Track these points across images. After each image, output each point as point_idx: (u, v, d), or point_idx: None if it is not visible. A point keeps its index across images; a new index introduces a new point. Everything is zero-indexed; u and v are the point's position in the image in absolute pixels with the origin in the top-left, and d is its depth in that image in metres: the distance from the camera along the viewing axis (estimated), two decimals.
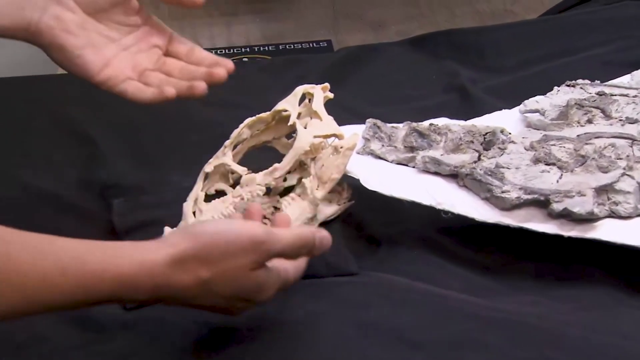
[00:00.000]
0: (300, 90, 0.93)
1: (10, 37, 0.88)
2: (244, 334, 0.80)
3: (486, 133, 0.98)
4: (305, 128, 0.91)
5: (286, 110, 0.92)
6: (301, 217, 0.89)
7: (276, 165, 0.90)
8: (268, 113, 0.93)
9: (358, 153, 0.97)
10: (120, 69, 0.89)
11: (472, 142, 0.97)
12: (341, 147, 0.90)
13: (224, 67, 0.88)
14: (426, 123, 1.00)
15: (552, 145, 0.95)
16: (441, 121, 1.01)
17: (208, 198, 0.92)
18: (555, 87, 1.07)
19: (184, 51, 0.91)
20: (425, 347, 0.79)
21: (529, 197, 0.88)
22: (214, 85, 0.87)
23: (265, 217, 0.90)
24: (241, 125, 0.93)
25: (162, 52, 0.91)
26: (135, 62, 0.90)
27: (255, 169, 0.92)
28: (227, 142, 0.92)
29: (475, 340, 0.79)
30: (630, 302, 0.87)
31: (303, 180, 0.90)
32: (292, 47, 1.53)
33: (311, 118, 0.92)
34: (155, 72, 0.90)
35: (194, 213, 0.89)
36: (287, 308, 0.83)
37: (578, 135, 0.97)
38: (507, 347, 0.78)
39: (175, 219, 0.90)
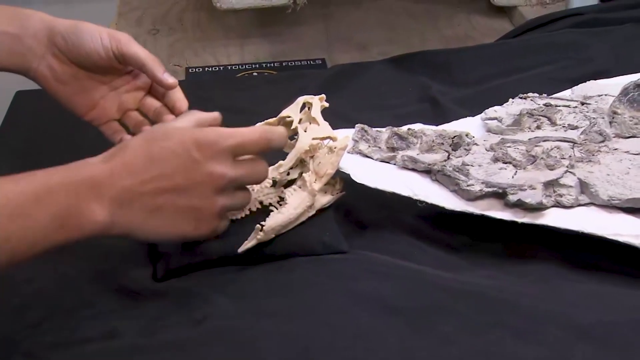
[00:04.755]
0: (301, 100, 0.92)
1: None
2: (256, 300, 0.80)
3: (454, 136, 0.97)
4: (305, 131, 0.90)
5: (289, 117, 0.91)
6: (302, 205, 0.88)
7: (281, 162, 0.89)
8: (274, 118, 0.92)
9: (349, 152, 0.97)
10: (105, 111, 0.87)
11: (443, 143, 0.96)
12: (335, 147, 0.89)
13: (178, 107, 0.88)
14: (405, 128, 0.99)
15: (508, 147, 0.95)
16: (417, 126, 1.01)
17: None
18: (510, 99, 1.06)
19: (162, 92, 0.88)
20: (405, 313, 0.78)
21: (489, 189, 0.87)
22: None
23: (271, 205, 0.89)
24: None
25: (145, 92, 0.89)
26: (121, 101, 0.87)
27: None
28: None
29: (446, 308, 0.79)
30: (571, 276, 0.87)
31: (303, 174, 0.89)
32: (294, 63, 1.51)
33: (310, 123, 0.91)
34: (135, 113, 0.88)
35: None
36: (290, 280, 0.82)
37: (529, 139, 0.96)
38: (472, 313, 0.78)
39: None
